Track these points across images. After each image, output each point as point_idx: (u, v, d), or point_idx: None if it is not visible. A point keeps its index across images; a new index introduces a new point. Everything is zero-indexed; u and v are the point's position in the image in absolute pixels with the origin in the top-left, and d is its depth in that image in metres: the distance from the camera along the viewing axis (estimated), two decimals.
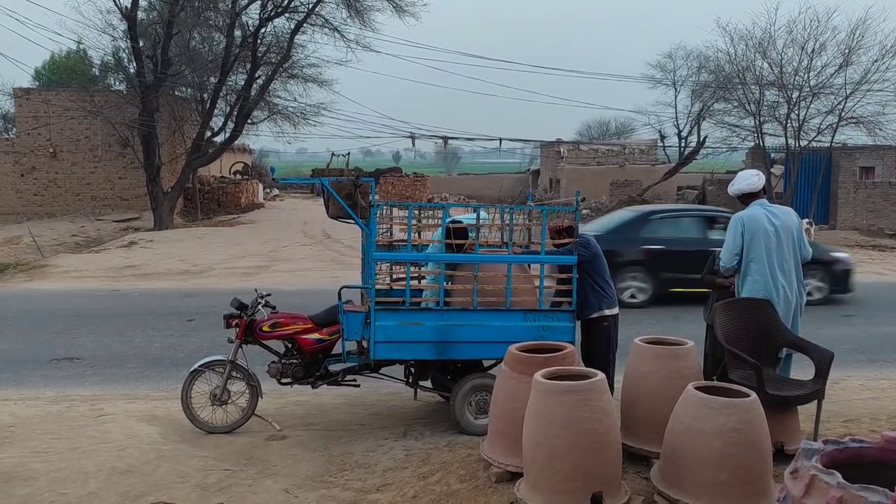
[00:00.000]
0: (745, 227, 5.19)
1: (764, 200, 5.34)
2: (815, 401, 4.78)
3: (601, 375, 3.98)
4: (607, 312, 5.82)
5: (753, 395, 3.84)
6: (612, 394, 4.83)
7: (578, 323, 5.81)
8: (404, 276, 5.84)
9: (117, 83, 27.17)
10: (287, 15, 22.73)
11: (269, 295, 6.10)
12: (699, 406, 3.77)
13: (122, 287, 12.81)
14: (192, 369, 5.91)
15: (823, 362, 4.75)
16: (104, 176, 24.98)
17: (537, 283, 5.71)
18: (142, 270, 14.56)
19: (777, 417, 4.40)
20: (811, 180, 23.48)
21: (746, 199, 5.37)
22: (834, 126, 22.19)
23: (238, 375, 5.92)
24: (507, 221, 5.89)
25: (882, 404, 6.46)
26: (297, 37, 22.75)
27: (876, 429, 5.33)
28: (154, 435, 5.79)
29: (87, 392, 7.02)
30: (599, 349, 5.82)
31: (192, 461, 5.27)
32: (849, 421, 5.74)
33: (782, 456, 4.37)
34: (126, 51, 23.44)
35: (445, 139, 31.59)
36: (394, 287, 6.20)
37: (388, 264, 6.38)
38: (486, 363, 6.05)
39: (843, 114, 21.95)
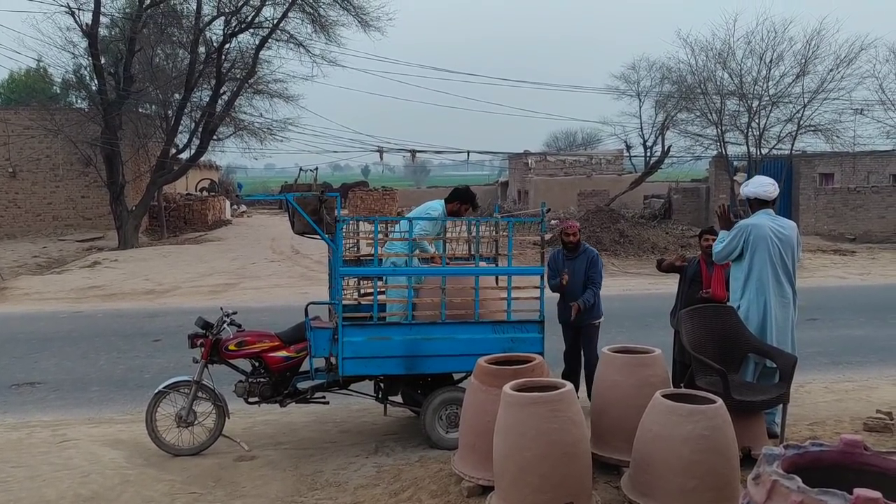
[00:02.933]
0: (749, 236, 5.22)
1: (770, 210, 5.36)
2: (781, 405, 4.86)
3: (569, 386, 3.99)
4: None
5: (720, 401, 3.89)
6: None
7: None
8: (371, 291, 5.81)
9: (79, 101, 26.74)
10: (251, 30, 22.58)
11: (234, 313, 6.03)
12: (666, 413, 3.81)
13: (86, 308, 12.53)
14: (156, 391, 5.80)
15: (787, 367, 4.84)
16: (66, 195, 24.51)
17: (504, 294, 5.73)
18: (106, 291, 14.27)
19: (743, 422, 4.46)
20: None
21: (756, 205, 5.39)
22: (793, 134, 22.73)
23: (204, 396, 5.82)
24: (473, 234, 5.91)
25: (846, 406, 6.58)
26: (262, 52, 22.60)
27: (839, 430, 5.42)
28: (119, 459, 5.65)
29: (49, 417, 6.84)
30: None
31: (159, 485, 5.16)
32: (814, 424, 5.83)
33: (749, 461, 4.41)
34: (87, 68, 23.11)
35: (413, 152, 31.63)
36: (361, 302, 6.16)
37: (356, 279, 6.34)
38: (456, 376, 6.04)
39: (801, 122, 22.51)
